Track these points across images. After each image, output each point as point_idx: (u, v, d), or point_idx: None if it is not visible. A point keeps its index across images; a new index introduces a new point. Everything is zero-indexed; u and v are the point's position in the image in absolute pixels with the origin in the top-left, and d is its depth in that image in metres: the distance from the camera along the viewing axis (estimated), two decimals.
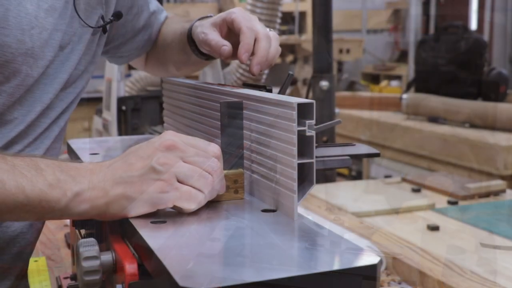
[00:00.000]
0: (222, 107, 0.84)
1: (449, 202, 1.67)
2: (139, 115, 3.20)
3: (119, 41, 1.18)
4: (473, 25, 6.24)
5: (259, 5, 2.90)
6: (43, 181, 0.74)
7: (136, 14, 1.16)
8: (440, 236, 1.39)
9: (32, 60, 0.90)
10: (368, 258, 0.62)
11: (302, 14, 6.01)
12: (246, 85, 0.99)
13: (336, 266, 0.62)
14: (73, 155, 1.09)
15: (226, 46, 0.99)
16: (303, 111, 0.74)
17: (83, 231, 0.92)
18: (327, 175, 2.17)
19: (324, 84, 2.27)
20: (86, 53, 1.01)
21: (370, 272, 0.61)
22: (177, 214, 0.76)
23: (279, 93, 0.91)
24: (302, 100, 0.75)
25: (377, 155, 0.88)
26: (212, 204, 0.80)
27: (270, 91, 0.91)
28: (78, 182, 0.75)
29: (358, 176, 3.77)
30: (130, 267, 0.68)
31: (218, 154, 0.79)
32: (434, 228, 1.42)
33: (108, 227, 0.79)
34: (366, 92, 4.75)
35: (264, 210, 0.79)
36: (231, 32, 1.01)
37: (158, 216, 0.75)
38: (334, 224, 1.44)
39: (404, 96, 3.53)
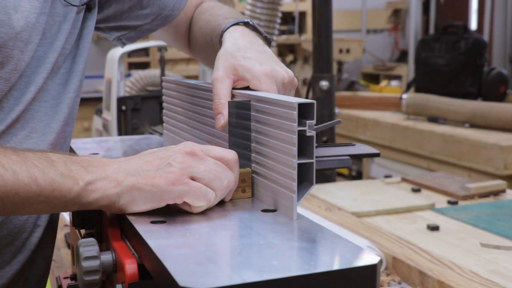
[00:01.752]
0: (230, 106, 0.85)
1: (449, 202, 1.67)
2: (139, 115, 3.21)
3: (115, 10, 1.15)
4: (473, 25, 6.24)
5: (259, 5, 2.90)
6: (55, 171, 0.75)
7: None
8: (440, 236, 1.39)
9: (22, 44, 0.90)
10: (368, 258, 0.62)
11: (302, 14, 6.01)
12: None
13: (336, 266, 0.62)
14: None
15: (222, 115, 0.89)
16: (303, 111, 0.74)
17: (83, 231, 0.92)
18: (327, 175, 2.17)
19: (324, 84, 2.27)
20: (72, 32, 1.01)
21: (370, 272, 0.61)
22: (177, 214, 0.76)
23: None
24: (303, 100, 0.75)
25: (377, 155, 0.88)
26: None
27: None
28: (90, 172, 0.76)
29: (358, 176, 3.77)
30: (130, 267, 0.68)
31: (236, 159, 0.81)
32: (434, 228, 1.42)
33: (108, 227, 0.79)
34: (366, 92, 4.74)
35: (264, 210, 0.79)
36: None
37: (158, 216, 0.75)
38: (334, 224, 1.44)
39: (404, 96, 3.53)
